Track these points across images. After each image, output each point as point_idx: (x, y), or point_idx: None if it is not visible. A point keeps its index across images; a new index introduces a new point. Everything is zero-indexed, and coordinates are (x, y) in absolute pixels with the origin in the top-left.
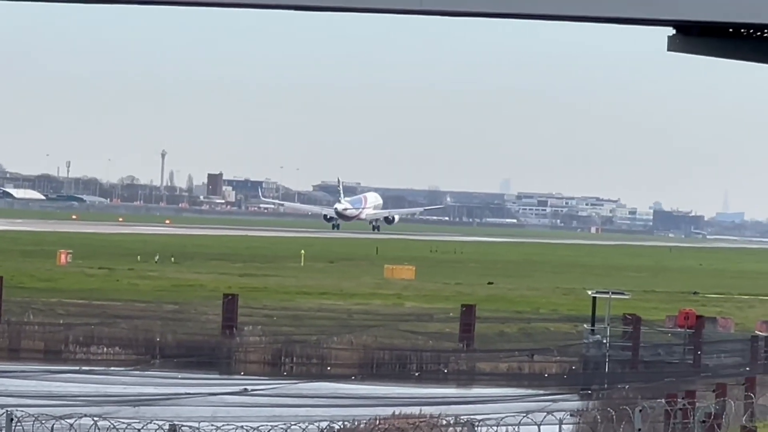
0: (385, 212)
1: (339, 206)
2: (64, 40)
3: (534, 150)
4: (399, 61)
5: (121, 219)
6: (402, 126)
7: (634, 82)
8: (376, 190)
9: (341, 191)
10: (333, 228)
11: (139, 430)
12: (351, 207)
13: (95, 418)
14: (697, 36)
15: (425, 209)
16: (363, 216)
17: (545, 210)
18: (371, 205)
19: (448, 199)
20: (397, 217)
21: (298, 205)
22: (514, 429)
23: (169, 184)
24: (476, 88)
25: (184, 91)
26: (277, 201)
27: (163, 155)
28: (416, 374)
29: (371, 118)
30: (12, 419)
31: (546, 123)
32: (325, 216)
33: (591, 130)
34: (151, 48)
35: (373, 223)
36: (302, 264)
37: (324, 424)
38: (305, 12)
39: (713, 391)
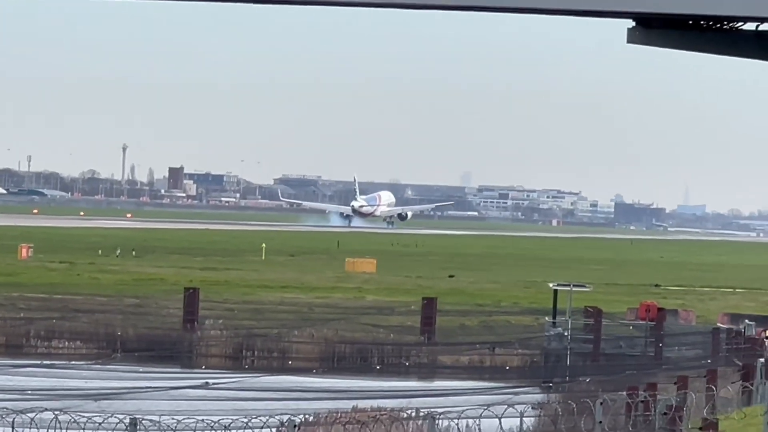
0: (399, 209)
1: (355, 204)
2: (22, 33)
3: (495, 143)
4: (358, 55)
5: (82, 213)
6: (363, 120)
7: (596, 75)
8: (337, 183)
9: (357, 190)
10: (348, 224)
11: (100, 423)
12: (367, 204)
13: (56, 412)
14: (656, 28)
15: (436, 205)
16: (377, 213)
17: (506, 203)
18: (385, 202)
19: (409, 192)
20: (410, 214)
21: (317, 204)
22: (475, 422)
23: (130, 178)
24: (437, 82)
25: (145, 85)
26: (295, 201)
27: (124, 149)
28: (377, 367)
29: (331, 112)
30: None
31: (507, 116)
32: (341, 213)
33: (552, 123)
34: (112, 42)
35: (387, 219)
36: (263, 258)
37: (285, 418)
38: (269, 5)
39: (675, 383)
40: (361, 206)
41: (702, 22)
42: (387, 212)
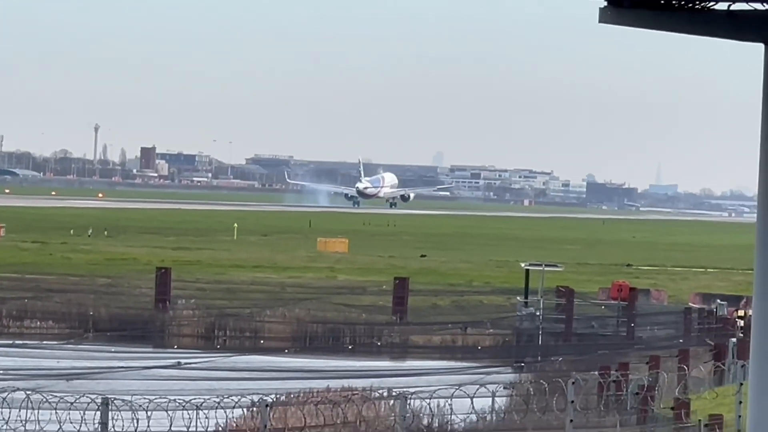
0: (401, 191)
1: (360, 185)
2: None
3: (467, 122)
4: (328, 35)
5: (54, 193)
6: (333, 99)
7: (568, 54)
8: (309, 163)
9: (362, 171)
10: (354, 205)
11: (71, 403)
12: (371, 186)
13: (28, 392)
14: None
15: (437, 188)
16: (381, 194)
17: (478, 182)
18: (388, 184)
19: (381, 171)
20: (412, 195)
21: (321, 186)
22: (446, 402)
23: (102, 157)
24: (407, 61)
25: (117, 64)
26: (302, 182)
27: (96, 129)
28: (349, 347)
29: (303, 91)
30: None
31: (479, 95)
32: (346, 195)
33: (524, 102)
34: (84, 20)
35: (390, 201)
36: (235, 237)
37: (257, 398)
38: None
39: (647, 363)
40: (366, 188)
41: (674, 2)
42: (390, 193)
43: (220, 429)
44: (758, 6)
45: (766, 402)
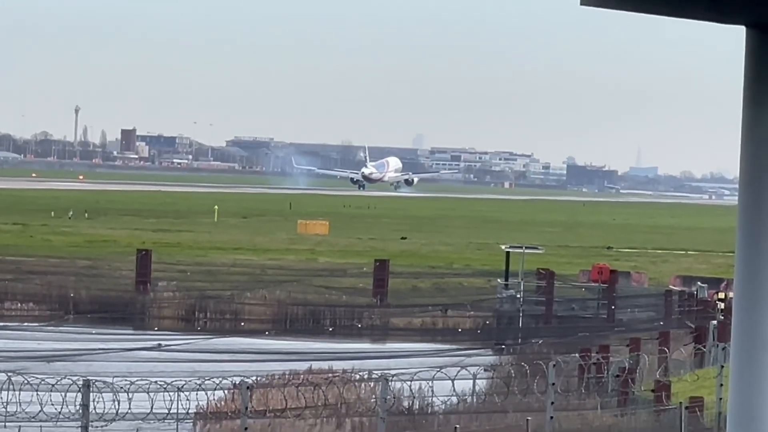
0: (406, 175)
1: (365, 170)
2: None
3: (447, 105)
4: (310, 17)
5: (34, 175)
6: (315, 81)
7: (549, 37)
8: (289, 145)
9: (367, 157)
10: (359, 188)
11: (53, 385)
12: (376, 171)
13: (9, 374)
14: None
15: (441, 172)
16: (386, 179)
17: (458, 165)
18: (393, 168)
19: (362, 154)
20: (416, 179)
21: (328, 171)
22: (427, 384)
23: (82, 139)
24: (388, 44)
25: (98, 46)
26: (308, 167)
27: (76, 111)
28: (330, 329)
29: (285, 73)
30: None
31: (459, 77)
32: (351, 179)
33: (504, 84)
34: (64, 2)
35: (395, 185)
36: (216, 219)
37: (238, 379)
38: None
39: (627, 345)
40: (371, 173)
41: None
42: (394, 178)
43: (201, 411)
44: None
45: (746, 384)
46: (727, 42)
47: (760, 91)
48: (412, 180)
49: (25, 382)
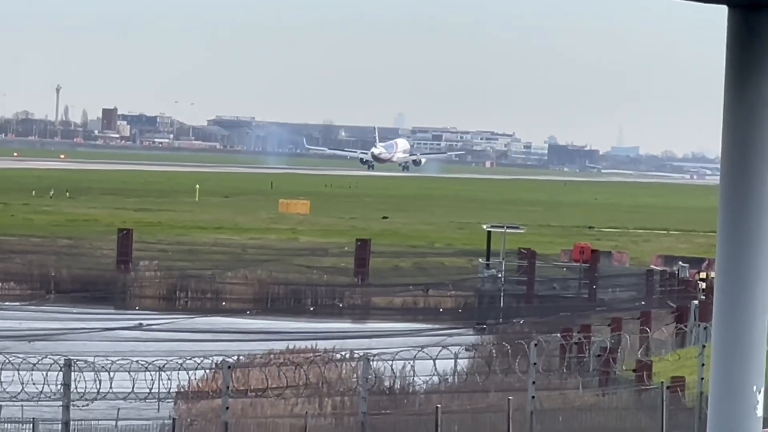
0: (414, 156)
1: (375, 150)
2: None
3: (428, 84)
4: None
5: (15, 154)
6: (295, 60)
7: (531, 16)
8: (271, 124)
9: (377, 137)
10: (368, 169)
11: (34, 364)
12: (385, 151)
13: None
14: None
15: (448, 153)
16: (394, 159)
17: (440, 144)
18: (401, 149)
19: (343, 133)
20: (423, 160)
21: (339, 152)
22: (409, 363)
23: (63, 119)
24: (368, 22)
25: (79, 25)
26: (321, 148)
27: (57, 90)
28: (311, 309)
29: (264, 53)
30: None
31: (440, 56)
32: (361, 159)
33: (485, 63)
34: None
35: (403, 165)
36: (197, 199)
37: (219, 359)
38: None
39: (608, 325)
40: (380, 153)
41: None
42: (403, 158)
43: (183, 390)
44: None
45: (727, 364)
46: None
47: (742, 72)
48: (420, 161)
49: (7, 361)
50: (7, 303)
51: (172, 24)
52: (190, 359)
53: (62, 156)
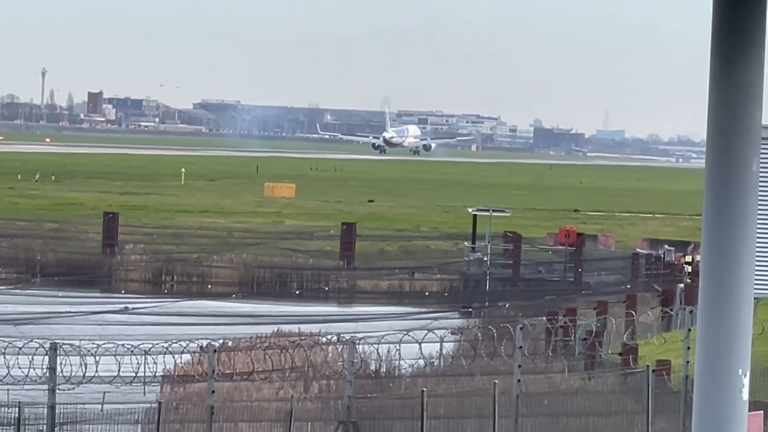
0: (424, 141)
1: (386, 135)
2: None
3: (414, 68)
4: None
5: (1, 138)
6: (280, 43)
7: None
8: (256, 108)
9: (388, 122)
10: (380, 153)
11: (20, 348)
12: (396, 136)
13: None
14: None
15: (457, 139)
16: (405, 144)
17: (425, 128)
18: (412, 135)
19: (329, 117)
20: (434, 145)
21: (353, 137)
22: (395, 347)
23: (49, 102)
24: (355, 4)
25: (65, 8)
26: (332, 133)
27: (43, 74)
28: (297, 292)
29: (250, 36)
30: None
31: (426, 39)
32: (373, 144)
33: (470, 47)
34: None
35: (413, 149)
36: (183, 182)
37: (205, 342)
38: None
39: (594, 308)
40: (392, 137)
41: None
42: (414, 143)
43: (168, 374)
44: None
45: (713, 347)
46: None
47: (727, 55)
48: (430, 146)
49: None
50: None
51: (157, 7)
52: (175, 343)
53: (48, 140)
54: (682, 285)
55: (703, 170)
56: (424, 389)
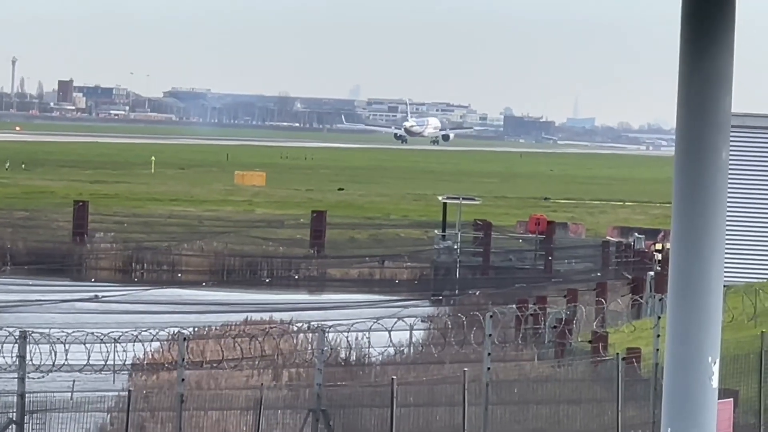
0: (444, 131)
1: (407, 124)
2: None
3: (384, 55)
4: None
5: None
6: (250, 31)
7: None
8: (226, 96)
9: (408, 112)
10: (401, 142)
11: None
12: (417, 125)
13: None
14: None
15: (474, 129)
16: (425, 134)
17: (395, 116)
18: (432, 126)
19: (298, 105)
20: (452, 135)
21: (373, 127)
22: (364, 335)
23: (19, 90)
24: None
25: None
26: (357, 124)
27: (13, 62)
28: (267, 280)
29: (219, 24)
30: None
31: (395, 27)
32: (395, 134)
33: (441, 34)
34: None
35: (433, 139)
36: (153, 171)
37: (175, 330)
38: None
39: (564, 296)
40: (412, 126)
41: None
42: (433, 133)
43: (138, 362)
44: None
45: (683, 335)
46: None
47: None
48: (449, 135)
49: None
50: None
51: None
52: (145, 331)
53: (18, 128)
54: (652, 273)
55: (673, 158)
56: (394, 377)
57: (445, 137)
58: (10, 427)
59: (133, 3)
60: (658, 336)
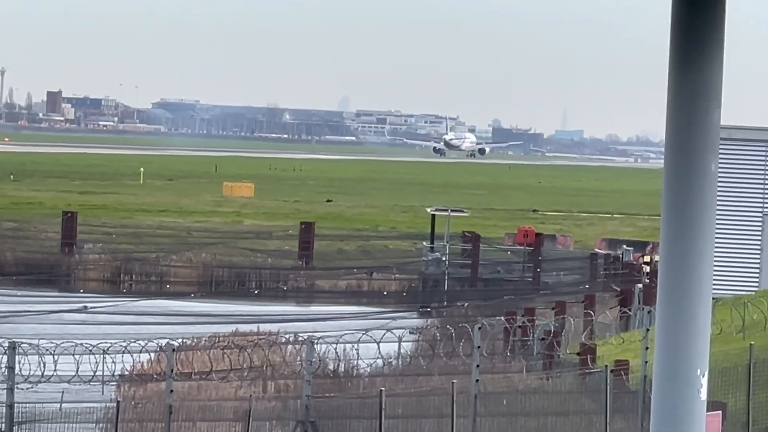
0: (480, 145)
1: (446, 137)
2: None
3: (373, 67)
4: None
5: None
6: (239, 43)
7: None
8: (215, 107)
9: (447, 127)
10: (440, 156)
11: None
12: (456, 138)
13: None
14: None
15: (508, 144)
16: (463, 147)
17: (384, 128)
18: (469, 141)
19: (287, 116)
20: (488, 149)
21: (414, 141)
22: (353, 346)
23: (8, 101)
24: (312, 3)
25: (24, 7)
26: (401, 138)
27: (2, 73)
28: (255, 292)
29: (209, 36)
30: None
31: (384, 39)
32: (434, 148)
33: (430, 46)
34: None
35: (469, 153)
36: (141, 182)
37: (163, 342)
38: None
39: (553, 308)
40: (451, 139)
41: None
42: (470, 147)
43: (127, 373)
44: None
45: (672, 347)
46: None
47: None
48: (485, 149)
49: None
50: None
51: (116, 6)
52: (134, 342)
53: (6, 139)
54: (640, 285)
55: (661, 170)
56: (383, 389)
57: (481, 151)
58: None
59: (122, 15)
60: (647, 348)
